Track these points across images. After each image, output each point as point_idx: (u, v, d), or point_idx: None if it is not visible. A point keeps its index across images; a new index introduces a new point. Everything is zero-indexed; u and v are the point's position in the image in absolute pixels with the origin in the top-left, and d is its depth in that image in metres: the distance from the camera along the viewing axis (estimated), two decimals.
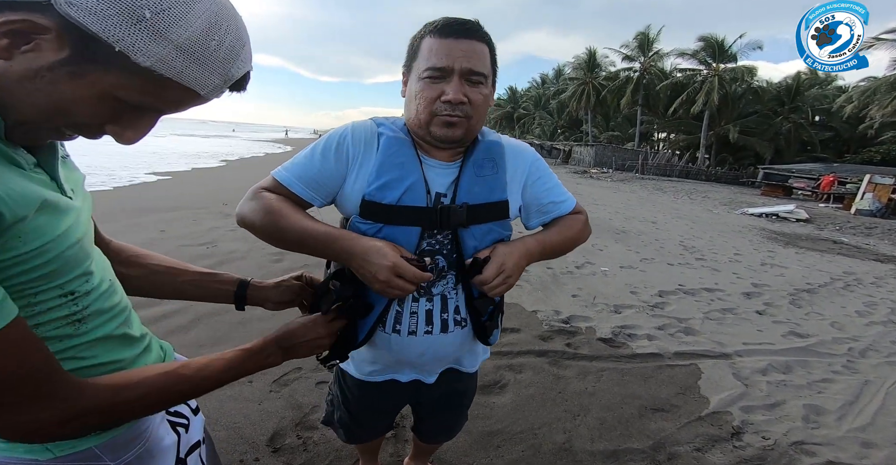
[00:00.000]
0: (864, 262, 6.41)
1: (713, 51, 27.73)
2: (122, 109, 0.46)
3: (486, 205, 0.84)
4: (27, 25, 0.39)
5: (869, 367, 2.78)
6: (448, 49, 0.76)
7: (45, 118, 0.44)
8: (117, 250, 0.73)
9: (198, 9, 0.43)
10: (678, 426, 1.99)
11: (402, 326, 0.87)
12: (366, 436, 1.21)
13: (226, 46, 0.46)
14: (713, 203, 13.40)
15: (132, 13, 0.40)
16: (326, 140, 0.83)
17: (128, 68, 0.42)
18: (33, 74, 0.41)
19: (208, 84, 0.46)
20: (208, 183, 8.76)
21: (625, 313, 3.33)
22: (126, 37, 0.40)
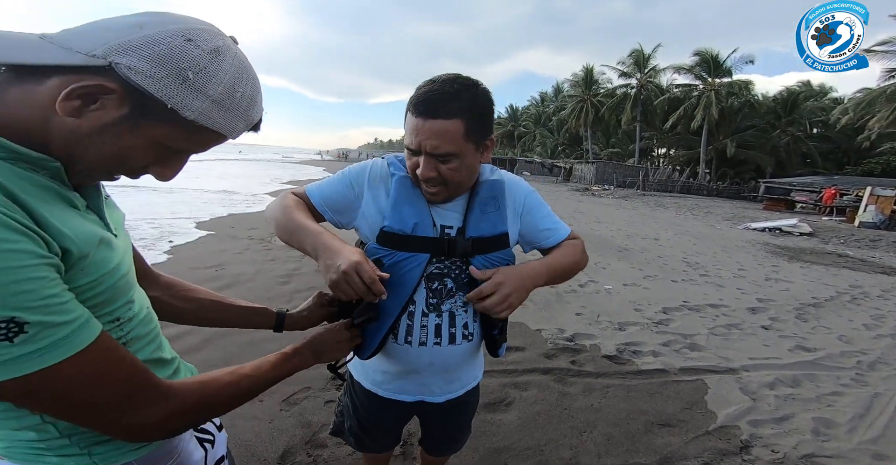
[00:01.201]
0: (871, 275, 6.38)
1: (708, 66, 28.29)
2: (165, 154, 0.53)
3: (490, 238, 0.94)
4: (98, 88, 0.45)
5: (878, 379, 2.76)
6: (417, 129, 0.82)
7: (105, 165, 0.51)
8: (168, 285, 0.81)
9: (225, 65, 0.50)
10: (685, 440, 1.99)
11: (414, 337, 0.95)
12: (375, 446, 1.25)
13: (247, 96, 0.54)
14: (716, 218, 13.42)
15: (178, 74, 0.47)
16: (350, 172, 0.96)
17: (175, 121, 0.49)
18: (99, 130, 0.47)
19: (236, 129, 0.55)
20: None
21: (629, 330, 3.34)
22: (175, 95, 0.47)
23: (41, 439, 0.52)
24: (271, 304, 0.94)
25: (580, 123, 35.26)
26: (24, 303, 0.40)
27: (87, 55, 0.45)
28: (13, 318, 0.39)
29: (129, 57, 0.45)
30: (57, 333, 0.42)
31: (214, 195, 10.78)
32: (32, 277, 0.41)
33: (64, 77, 0.45)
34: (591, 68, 35.17)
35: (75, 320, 0.44)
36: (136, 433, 0.50)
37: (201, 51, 0.49)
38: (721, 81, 28.16)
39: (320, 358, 0.79)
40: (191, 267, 4.23)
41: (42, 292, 0.41)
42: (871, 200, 13.39)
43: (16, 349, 0.40)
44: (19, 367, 0.41)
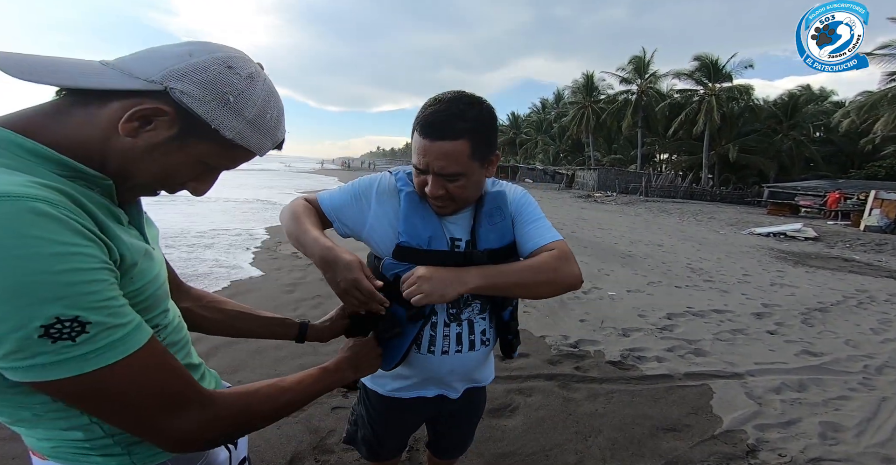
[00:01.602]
0: (877, 279, 6.34)
1: (708, 71, 28.38)
2: (203, 170, 0.59)
3: (502, 248, 0.97)
4: (154, 111, 0.50)
5: (886, 383, 2.75)
6: (424, 150, 0.83)
7: (154, 181, 0.56)
8: (197, 297, 0.85)
9: (258, 90, 0.56)
10: (691, 445, 1.99)
11: (437, 347, 0.99)
12: (385, 454, 1.28)
13: (274, 117, 0.59)
14: (719, 224, 13.39)
15: (222, 98, 0.53)
16: (359, 184, 0.99)
17: (216, 140, 0.55)
18: (152, 149, 0.52)
19: (264, 148, 0.60)
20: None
21: (633, 336, 3.34)
22: (217, 116, 0.53)
23: (87, 438, 0.55)
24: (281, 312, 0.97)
25: (582, 130, 35.35)
26: (88, 303, 0.42)
27: (147, 81, 0.50)
28: (77, 317, 0.41)
29: (182, 82, 0.51)
30: (114, 334, 0.45)
31: (251, 205, 11.06)
32: (97, 279, 0.44)
33: (125, 101, 0.50)
34: (591, 75, 35.35)
35: (130, 323, 0.47)
36: (176, 439, 0.51)
37: (239, 77, 0.54)
38: (721, 86, 28.26)
39: (358, 373, 0.82)
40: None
41: (104, 293, 0.44)
42: (875, 204, 13.33)
43: (76, 349, 0.42)
44: (79, 365, 0.43)
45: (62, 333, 0.41)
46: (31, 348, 0.40)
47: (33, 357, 0.41)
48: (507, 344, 1.06)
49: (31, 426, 0.54)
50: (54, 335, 0.41)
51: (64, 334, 0.41)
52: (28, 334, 0.40)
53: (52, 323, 0.40)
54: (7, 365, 0.41)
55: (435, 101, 0.85)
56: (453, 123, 0.82)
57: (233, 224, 7.79)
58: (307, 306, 3.61)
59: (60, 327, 0.41)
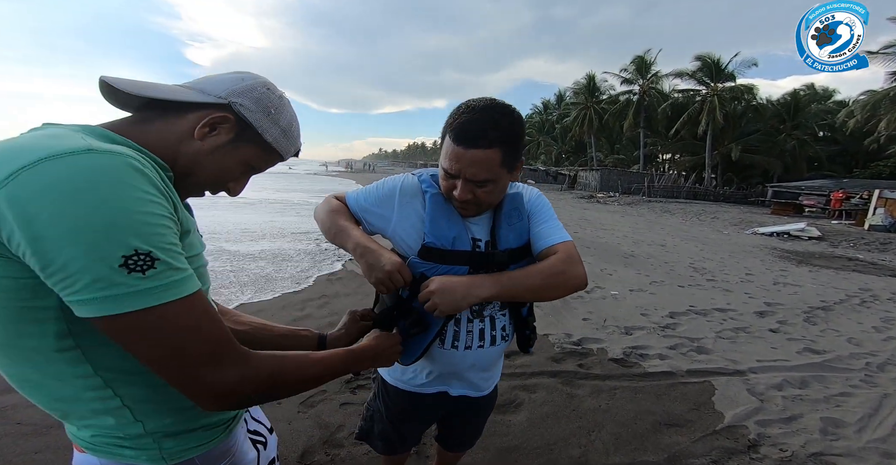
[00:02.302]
0: (881, 278, 6.34)
1: (710, 70, 28.24)
2: (245, 171, 0.71)
3: (520, 248, 1.01)
4: (222, 119, 0.64)
5: (888, 380, 2.76)
6: (457, 157, 0.87)
7: (209, 179, 0.67)
8: (221, 312, 0.87)
9: (287, 106, 0.73)
10: (693, 439, 2.02)
11: (460, 342, 1.04)
12: (401, 447, 1.33)
13: (297, 129, 0.75)
14: (723, 224, 13.37)
15: (265, 110, 0.68)
16: (384, 186, 1.04)
17: (259, 144, 0.69)
18: (214, 150, 0.65)
19: (289, 152, 0.74)
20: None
21: (636, 334, 3.37)
22: (263, 124, 0.67)
23: (119, 424, 0.58)
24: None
25: (584, 131, 35.31)
26: (159, 242, 0.49)
27: (216, 97, 0.65)
28: (150, 252, 0.48)
29: (241, 98, 0.66)
30: (175, 275, 0.50)
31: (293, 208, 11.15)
32: (167, 225, 0.51)
33: (199, 112, 0.64)
34: (593, 76, 35.29)
35: (187, 270, 0.52)
36: (214, 392, 0.54)
37: (275, 96, 0.70)
38: (724, 86, 28.16)
39: (376, 363, 0.86)
40: None
41: (171, 238, 0.51)
42: (880, 203, 13.29)
43: (145, 282, 0.47)
44: (144, 299, 0.47)
45: (136, 265, 0.47)
46: (109, 277, 0.46)
47: (109, 287, 0.46)
48: (524, 339, 1.11)
49: (70, 410, 0.58)
50: (130, 266, 0.46)
51: (138, 267, 0.47)
52: (111, 263, 0.45)
53: (131, 255, 0.46)
54: (84, 297, 0.46)
55: (468, 108, 0.87)
56: (487, 132, 0.85)
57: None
58: (314, 306, 3.67)
59: (136, 259, 0.47)
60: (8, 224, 0.45)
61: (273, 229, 7.71)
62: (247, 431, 0.80)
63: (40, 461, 1.68)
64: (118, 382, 0.57)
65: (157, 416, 0.60)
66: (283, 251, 5.89)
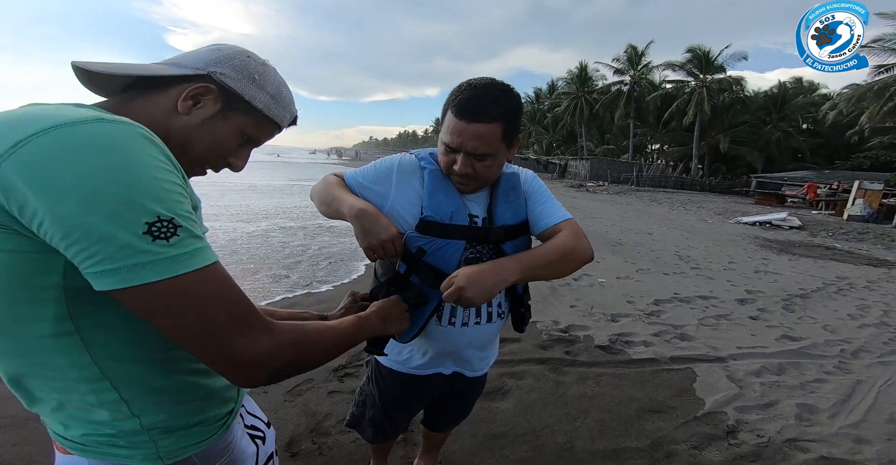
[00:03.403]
0: (857, 267, 6.52)
1: (700, 62, 28.45)
2: (241, 143, 0.69)
3: (516, 226, 1.03)
4: (204, 89, 0.62)
5: (861, 367, 2.86)
6: (459, 130, 0.89)
7: (207, 154, 0.65)
8: None
9: (271, 73, 0.70)
10: (675, 425, 2.08)
11: (457, 318, 1.04)
12: (392, 433, 1.34)
13: (288, 96, 0.72)
14: (708, 213, 13.59)
15: (250, 76, 0.66)
16: (381, 165, 1.04)
17: (250, 112, 0.67)
18: (203, 123, 0.63)
19: (284, 119, 0.72)
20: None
21: (622, 321, 3.43)
22: (249, 91, 0.65)
23: (113, 419, 0.55)
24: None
25: (575, 120, 35.34)
26: (180, 210, 0.48)
27: (194, 68, 0.63)
28: (173, 219, 0.46)
29: (219, 67, 0.64)
30: (197, 243, 0.49)
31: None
32: (183, 193, 0.50)
33: (180, 86, 0.62)
34: (585, 65, 35.20)
35: (204, 239, 0.51)
36: (245, 362, 0.51)
37: (257, 63, 0.68)
38: (713, 78, 28.35)
39: (386, 327, 0.85)
40: None
41: (187, 206, 0.50)
42: (859, 194, 13.62)
43: (170, 250, 0.46)
44: (169, 268, 0.46)
45: (160, 232, 0.45)
46: (136, 244, 0.44)
47: (135, 255, 0.44)
48: (519, 317, 1.12)
49: (61, 401, 0.54)
50: (155, 233, 0.45)
51: (162, 233, 0.45)
52: (136, 229, 0.44)
53: (155, 221, 0.45)
54: (109, 267, 0.44)
55: (470, 86, 0.90)
56: (490, 107, 0.88)
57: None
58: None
59: (160, 226, 0.45)
60: (19, 194, 0.42)
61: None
62: (244, 426, 0.77)
63: (20, 455, 1.65)
64: (117, 373, 0.54)
65: (155, 411, 0.57)
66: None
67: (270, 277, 4.29)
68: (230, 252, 5.16)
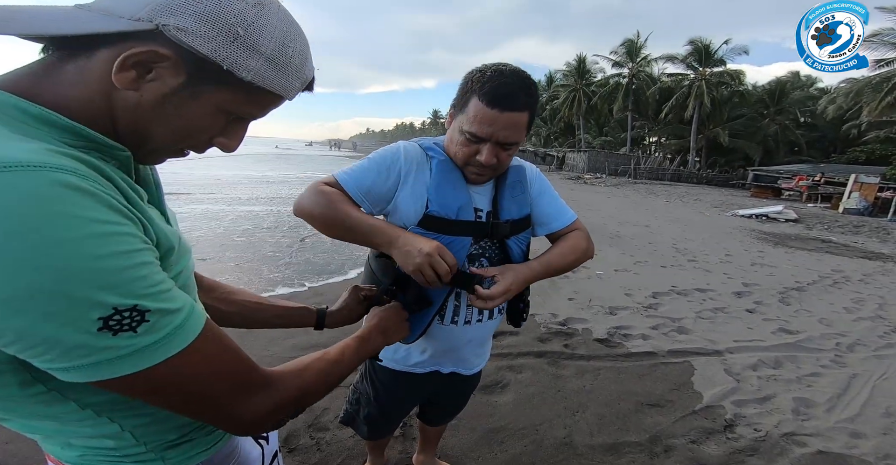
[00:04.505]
0: (853, 259, 6.56)
1: (700, 55, 28.36)
2: (228, 121, 0.50)
3: (520, 220, 1.01)
4: (150, 55, 0.41)
5: (857, 361, 2.87)
6: (491, 120, 0.84)
7: (174, 140, 0.48)
8: (210, 287, 0.79)
9: (272, 19, 0.46)
10: (673, 419, 2.08)
11: (460, 317, 1.02)
12: (387, 430, 1.32)
13: (298, 52, 0.49)
14: (705, 206, 13.61)
15: (229, 32, 0.43)
16: (381, 158, 0.95)
17: (233, 84, 0.46)
18: (162, 101, 0.44)
19: (292, 88, 0.50)
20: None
21: (620, 314, 3.42)
22: (229, 55, 0.43)
23: (118, 446, 0.51)
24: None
25: (573, 113, 35.21)
26: (143, 290, 0.38)
27: (132, 20, 0.41)
28: (136, 306, 0.37)
29: (175, 17, 0.41)
30: (174, 320, 0.41)
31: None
32: (145, 261, 0.39)
33: (113, 47, 0.42)
34: (583, 58, 34.99)
35: (185, 306, 0.43)
36: (248, 422, 0.49)
37: (246, 4, 0.44)
38: (712, 71, 28.25)
39: (388, 339, 0.81)
40: None
41: (154, 277, 0.40)
42: (855, 188, 13.67)
43: (140, 339, 0.38)
44: (146, 358, 0.39)
45: (122, 324, 0.37)
46: (91, 343, 0.36)
47: (96, 353, 0.36)
48: (518, 312, 1.09)
49: (53, 434, 0.50)
50: (115, 328, 0.36)
51: (125, 326, 0.37)
52: (87, 329, 0.35)
53: (111, 314, 0.36)
54: (66, 365, 0.37)
55: (498, 72, 0.85)
56: (521, 95, 0.85)
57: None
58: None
59: (120, 318, 0.36)
60: None
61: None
62: None
63: (12, 452, 1.62)
64: (114, 411, 0.49)
65: (161, 431, 0.54)
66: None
67: (268, 268, 4.25)
68: (219, 246, 5.11)
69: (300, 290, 3.69)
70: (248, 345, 2.47)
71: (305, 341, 2.52)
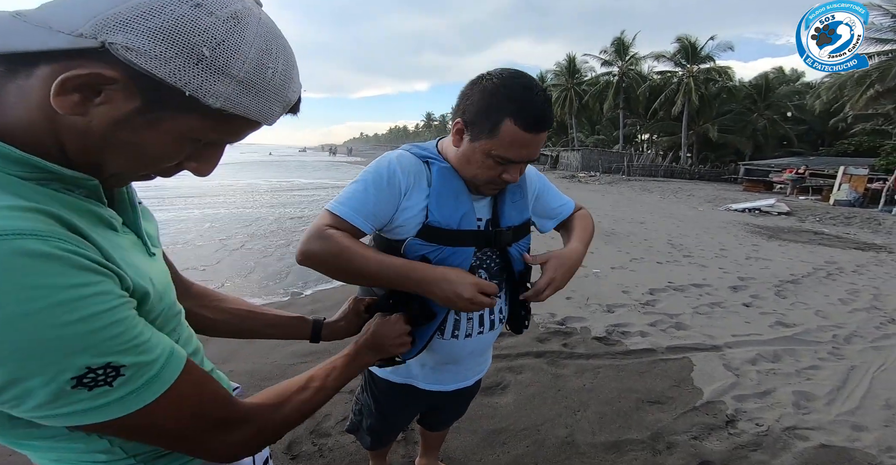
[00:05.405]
0: (845, 251, 6.62)
1: (687, 53, 28.73)
2: (197, 147, 0.46)
3: (521, 225, 0.99)
4: (94, 77, 0.36)
5: (854, 353, 2.89)
6: (528, 143, 0.81)
7: (135, 168, 0.45)
8: (199, 295, 0.77)
9: (248, 36, 0.40)
10: (674, 416, 2.07)
11: (461, 330, 0.99)
12: (391, 438, 1.31)
13: (280, 72, 0.44)
14: (698, 201, 13.70)
15: (191, 52, 0.37)
16: (377, 176, 0.87)
17: (200, 110, 0.40)
18: (114, 127, 0.39)
19: (271, 114, 0.45)
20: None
21: (618, 311, 3.43)
22: (192, 79, 0.38)
23: (109, 460, 0.51)
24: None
25: (565, 112, 35.45)
26: (117, 347, 0.38)
27: (71, 35, 0.35)
28: (109, 363, 0.37)
29: (124, 33, 0.35)
30: (150, 371, 0.41)
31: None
32: (119, 318, 0.39)
33: (54, 64, 0.36)
34: (573, 57, 35.34)
35: (163, 354, 0.43)
36: (223, 456, 0.51)
37: (216, 18, 0.38)
38: (700, 68, 28.60)
39: (381, 354, 0.78)
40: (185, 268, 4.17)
41: (130, 332, 0.39)
42: (845, 180, 13.83)
43: (116, 392, 0.39)
44: (121, 408, 0.40)
45: (97, 381, 0.37)
46: (65, 398, 0.36)
47: (71, 405, 0.37)
48: (520, 319, 1.07)
49: (45, 451, 0.49)
50: (89, 384, 0.37)
51: (99, 382, 0.37)
52: (60, 387, 0.35)
53: (84, 374, 0.36)
54: (43, 414, 0.37)
55: (525, 89, 0.79)
56: (551, 112, 0.83)
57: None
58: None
59: (94, 376, 0.37)
60: None
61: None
62: None
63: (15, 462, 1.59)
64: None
65: (151, 445, 0.54)
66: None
67: (265, 276, 4.22)
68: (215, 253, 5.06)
69: (297, 297, 3.66)
70: (248, 353, 2.45)
71: (306, 349, 2.49)
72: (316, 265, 0.83)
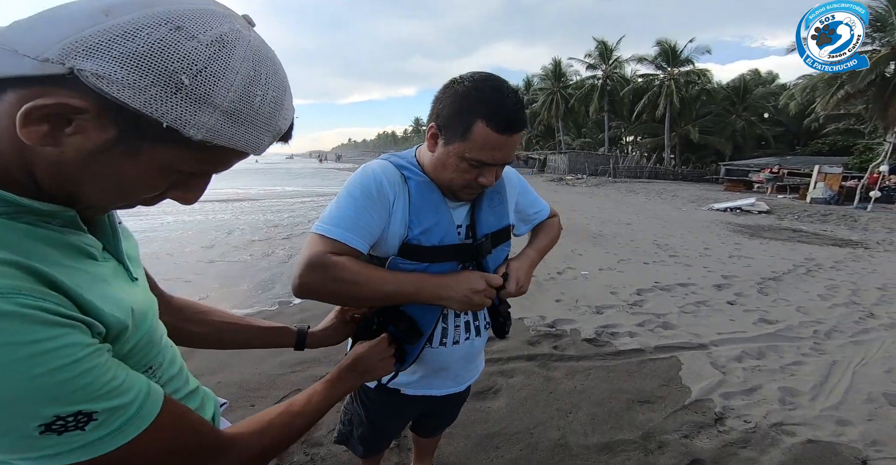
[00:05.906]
0: (823, 248, 6.81)
1: (667, 56, 29.46)
2: (181, 177, 0.44)
3: (499, 231, 0.98)
4: (61, 108, 0.34)
5: (835, 347, 2.96)
6: (500, 145, 0.79)
7: (113, 200, 0.43)
8: (180, 308, 0.76)
9: (234, 62, 0.38)
10: (664, 415, 2.10)
11: (448, 338, 1.00)
12: (383, 446, 1.30)
13: (269, 100, 0.41)
14: (682, 201, 13.96)
15: (169, 80, 0.34)
16: (364, 191, 0.85)
17: (180, 142, 0.38)
18: (88, 159, 0.37)
19: (259, 144, 0.43)
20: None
21: (606, 313, 3.46)
22: (170, 110, 0.35)
23: None
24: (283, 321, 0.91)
25: (552, 115, 35.94)
26: (86, 396, 0.37)
27: (38, 60, 0.33)
28: (80, 411, 0.37)
29: (94, 59, 0.33)
30: (126, 413, 0.40)
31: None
32: (87, 368, 0.37)
33: (21, 92, 0.34)
34: (559, 61, 35.95)
35: (138, 395, 0.42)
36: None
37: (197, 43, 0.36)
38: (680, 71, 29.34)
39: (366, 377, 0.78)
40: (168, 278, 4.08)
41: (100, 380, 0.38)
42: (820, 178, 14.24)
43: (89, 435, 0.38)
44: (95, 449, 0.39)
45: (67, 427, 0.36)
46: (34, 444, 0.36)
47: (41, 449, 0.36)
48: (500, 326, 1.08)
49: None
50: (59, 430, 0.36)
51: (70, 427, 0.36)
52: (27, 434, 0.35)
53: (53, 421, 0.35)
54: (12, 457, 0.37)
55: (496, 91, 0.79)
56: (523, 113, 0.82)
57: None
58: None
59: (63, 423, 0.36)
60: None
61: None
62: None
63: None
64: None
65: None
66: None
67: (251, 286, 4.16)
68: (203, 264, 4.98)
69: (286, 307, 3.61)
70: (236, 364, 2.41)
71: (294, 358, 2.46)
72: (319, 297, 0.80)
